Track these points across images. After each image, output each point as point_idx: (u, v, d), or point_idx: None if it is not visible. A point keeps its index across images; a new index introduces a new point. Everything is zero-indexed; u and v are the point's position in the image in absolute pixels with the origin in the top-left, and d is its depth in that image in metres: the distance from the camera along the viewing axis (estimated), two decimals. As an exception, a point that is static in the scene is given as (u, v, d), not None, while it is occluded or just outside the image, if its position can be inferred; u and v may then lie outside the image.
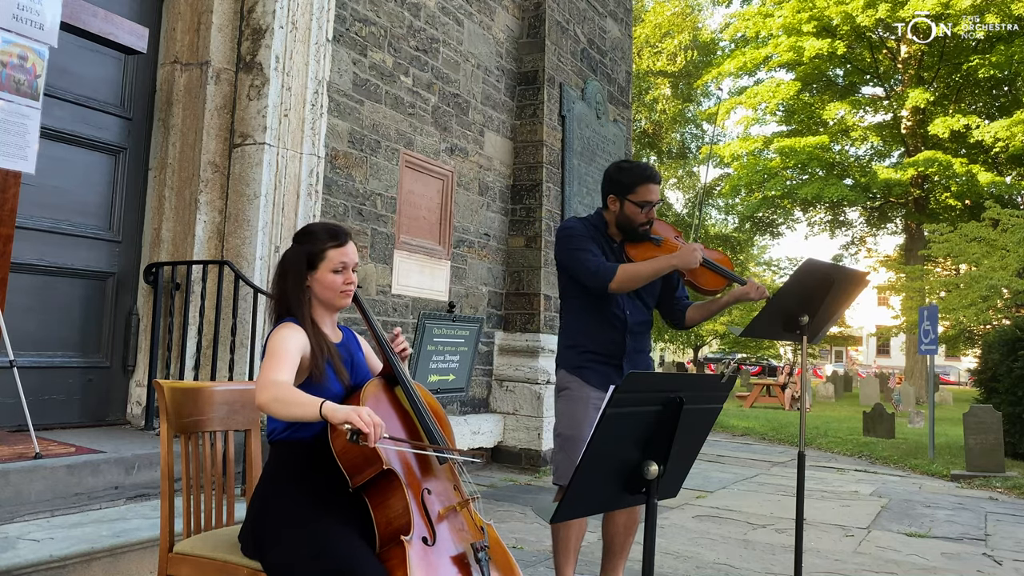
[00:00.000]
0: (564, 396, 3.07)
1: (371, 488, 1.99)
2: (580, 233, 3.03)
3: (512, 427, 6.67)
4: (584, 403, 2.98)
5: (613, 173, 3.08)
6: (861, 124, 24.44)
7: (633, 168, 3.05)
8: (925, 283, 19.02)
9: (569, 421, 3.01)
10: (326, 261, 2.14)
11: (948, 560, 4.40)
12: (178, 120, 4.59)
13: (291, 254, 2.18)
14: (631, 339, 3.05)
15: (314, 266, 2.14)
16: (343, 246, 2.16)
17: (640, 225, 3.01)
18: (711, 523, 5.06)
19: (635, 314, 3.06)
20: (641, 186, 2.97)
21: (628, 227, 3.03)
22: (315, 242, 2.15)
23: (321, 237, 2.16)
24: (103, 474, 3.42)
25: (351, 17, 5.30)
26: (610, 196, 3.05)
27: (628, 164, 3.11)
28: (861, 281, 3.05)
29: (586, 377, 3.01)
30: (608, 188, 3.07)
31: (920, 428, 12.94)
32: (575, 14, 7.62)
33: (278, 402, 1.87)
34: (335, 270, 2.14)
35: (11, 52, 3.23)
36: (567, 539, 2.98)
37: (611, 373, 3.01)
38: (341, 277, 2.15)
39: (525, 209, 7.01)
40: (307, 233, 2.20)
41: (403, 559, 1.86)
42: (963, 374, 40.11)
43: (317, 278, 2.14)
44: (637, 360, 3.08)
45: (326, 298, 2.15)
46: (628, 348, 3.04)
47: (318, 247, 2.14)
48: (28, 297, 4.03)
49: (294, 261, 2.16)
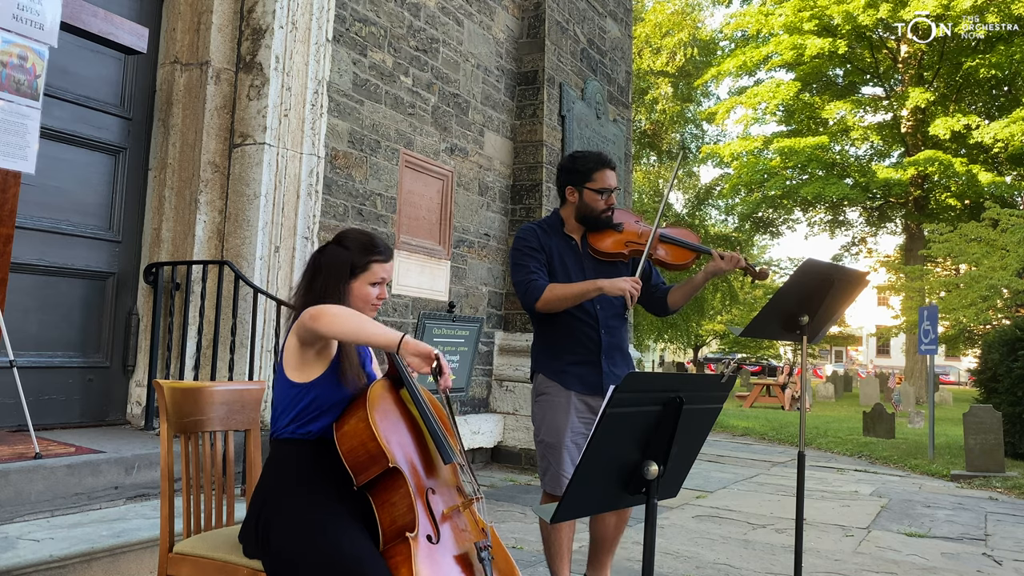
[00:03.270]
0: (542, 401, 3.02)
1: (376, 486, 1.99)
2: (526, 244, 3.00)
3: (512, 427, 6.66)
4: (564, 408, 2.94)
5: (568, 164, 3.06)
6: (861, 124, 24.43)
7: (587, 156, 3.04)
8: (925, 283, 19.00)
9: (549, 428, 2.97)
10: (367, 273, 2.14)
11: (948, 560, 4.40)
12: (178, 120, 4.59)
13: (332, 257, 2.14)
14: (606, 334, 3.00)
15: (355, 275, 2.13)
16: (387, 262, 2.17)
17: (601, 212, 3.00)
18: (711, 523, 5.06)
19: (606, 308, 3.01)
20: (597, 172, 2.97)
21: (590, 216, 3.01)
22: (362, 252, 2.14)
23: (369, 248, 2.15)
24: (103, 474, 3.42)
25: (351, 17, 5.30)
26: (568, 188, 3.04)
27: (580, 153, 3.09)
28: (861, 281, 3.05)
29: (565, 381, 2.97)
30: (565, 180, 3.05)
31: (920, 428, 12.94)
32: (575, 14, 7.62)
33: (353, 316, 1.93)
34: (373, 283, 2.15)
35: (11, 52, 3.23)
36: (559, 541, 2.96)
37: (589, 374, 2.97)
38: (376, 291, 2.16)
39: (525, 209, 7.01)
40: (353, 240, 2.17)
41: (407, 556, 1.87)
42: (963, 374, 40.11)
43: (354, 287, 2.13)
44: (615, 357, 3.03)
45: (355, 307, 2.15)
46: (604, 344, 3.00)
47: (365, 258, 2.14)
48: (28, 297, 4.03)
49: (336, 264, 2.13)
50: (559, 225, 3.08)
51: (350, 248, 2.15)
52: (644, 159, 26.91)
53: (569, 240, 3.06)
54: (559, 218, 3.10)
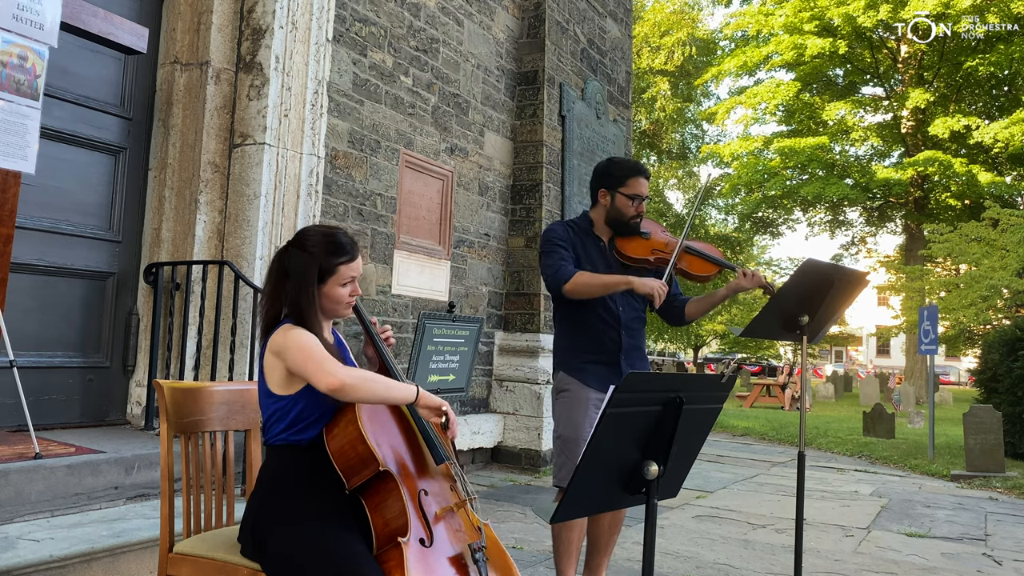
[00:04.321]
0: (563, 398, 3.07)
1: (368, 490, 1.99)
2: (557, 236, 3.09)
3: (512, 427, 6.67)
4: (583, 404, 2.99)
5: (605, 167, 3.16)
6: (861, 124, 24.43)
7: (624, 162, 3.15)
8: (925, 283, 19.00)
9: (568, 423, 3.01)
10: (336, 276, 2.11)
11: (948, 560, 4.40)
12: (178, 120, 4.58)
13: (297, 262, 2.08)
14: (627, 335, 3.08)
15: (323, 280, 2.10)
16: (354, 261, 2.13)
17: (631, 218, 3.08)
18: (711, 523, 5.06)
19: (628, 311, 3.10)
20: (632, 179, 3.07)
21: (619, 220, 3.10)
22: (327, 255, 2.09)
23: (333, 250, 2.10)
24: (103, 474, 3.42)
25: (351, 17, 5.29)
26: (601, 190, 3.13)
27: (619, 159, 3.20)
28: (861, 281, 3.05)
29: (585, 379, 3.02)
30: (599, 182, 3.15)
31: (920, 428, 12.94)
32: (575, 14, 7.62)
33: (368, 381, 1.96)
34: (343, 284, 2.13)
35: (11, 52, 3.23)
36: (569, 541, 2.99)
37: (609, 373, 3.02)
38: (348, 290, 2.14)
39: (525, 209, 7.01)
40: (316, 243, 2.10)
41: (400, 561, 1.86)
42: (963, 374, 40.11)
43: (325, 291, 2.10)
44: (634, 357, 3.10)
45: (330, 309, 2.14)
46: (624, 345, 3.06)
47: (331, 263, 2.09)
48: (28, 297, 4.03)
49: (302, 270, 2.07)
50: (588, 226, 3.17)
51: (314, 252, 2.08)
52: (644, 159, 26.90)
53: (597, 241, 3.14)
54: (588, 219, 3.18)
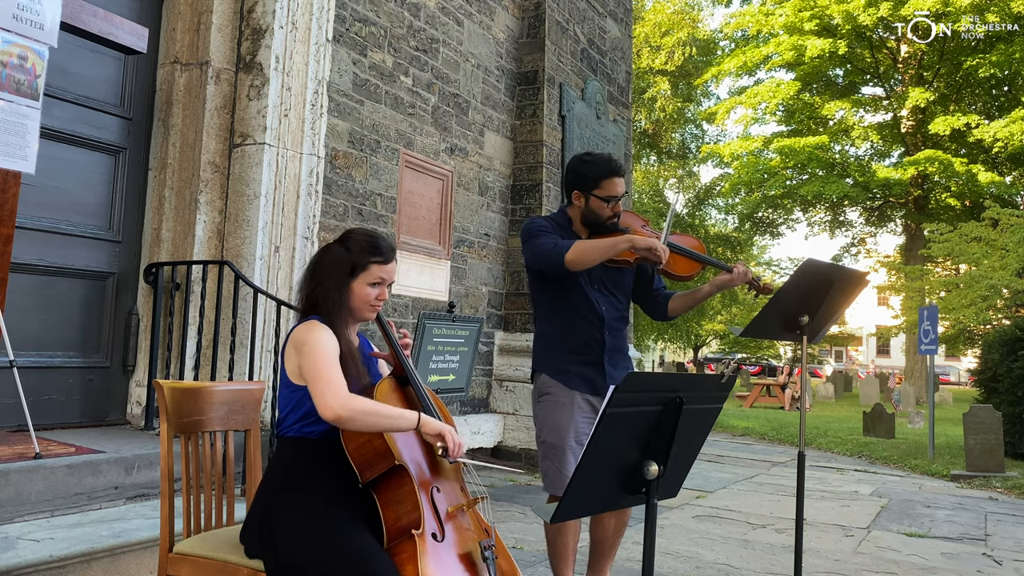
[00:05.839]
0: (545, 401, 2.99)
1: (381, 484, 2.00)
2: (540, 226, 2.96)
3: (512, 427, 6.67)
4: (568, 409, 2.91)
5: (576, 167, 2.98)
6: (861, 124, 24.43)
7: (596, 161, 2.96)
8: (925, 283, 18.99)
9: (552, 428, 2.93)
10: (366, 273, 2.13)
11: (948, 560, 4.40)
12: (178, 120, 4.58)
13: (333, 256, 2.16)
14: (609, 336, 2.99)
15: (354, 275, 2.13)
16: (387, 263, 2.16)
17: (607, 219, 2.95)
18: (711, 523, 5.06)
19: (610, 310, 3.01)
20: (606, 180, 2.91)
21: (595, 222, 2.97)
22: (363, 252, 2.14)
23: (368, 250, 2.15)
24: (103, 474, 3.42)
25: (351, 17, 5.29)
26: (574, 192, 2.98)
27: (591, 157, 3.00)
28: (861, 281, 3.05)
29: (568, 381, 2.95)
30: (572, 183, 2.99)
31: (920, 428, 12.94)
32: (575, 14, 7.62)
33: (368, 415, 1.93)
34: (373, 283, 2.14)
35: (11, 52, 3.22)
36: (564, 545, 2.94)
37: (593, 375, 2.96)
38: (376, 291, 2.15)
39: (525, 209, 7.01)
40: (356, 241, 2.17)
41: (413, 553, 1.87)
42: (963, 374, 40.10)
43: (353, 287, 2.13)
44: (617, 359, 3.02)
45: (354, 307, 2.15)
46: (607, 345, 2.98)
47: (363, 259, 2.13)
48: (28, 297, 4.03)
49: (336, 264, 2.14)
50: (567, 223, 3.05)
51: (351, 249, 2.15)
52: (644, 159, 26.90)
53: (576, 238, 3.03)
54: (566, 217, 3.07)
